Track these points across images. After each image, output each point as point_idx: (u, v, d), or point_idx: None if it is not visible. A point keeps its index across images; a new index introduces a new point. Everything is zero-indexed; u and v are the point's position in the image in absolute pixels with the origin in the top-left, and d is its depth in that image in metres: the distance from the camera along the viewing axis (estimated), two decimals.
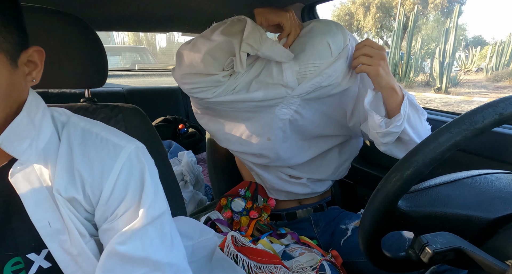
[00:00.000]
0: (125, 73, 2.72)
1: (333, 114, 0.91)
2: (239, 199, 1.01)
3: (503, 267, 0.37)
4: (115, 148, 0.47)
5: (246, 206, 1.01)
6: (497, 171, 0.55)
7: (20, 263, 0.44)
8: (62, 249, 0.44)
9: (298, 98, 0.83)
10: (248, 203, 1.01)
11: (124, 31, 3.02)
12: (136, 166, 0.48)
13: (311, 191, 1.05)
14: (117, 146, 0.48)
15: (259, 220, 0.99)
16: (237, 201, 1.01)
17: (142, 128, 0.77)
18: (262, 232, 0.96)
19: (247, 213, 1.00)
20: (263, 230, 0.96)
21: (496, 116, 0.40)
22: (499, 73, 10.95)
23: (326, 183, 1.08)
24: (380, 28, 21.52)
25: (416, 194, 0.49)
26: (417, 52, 10.61)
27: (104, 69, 0.76)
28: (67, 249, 0.44)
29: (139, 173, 0.48)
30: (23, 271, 0.44)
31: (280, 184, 1.04)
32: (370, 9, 21.43)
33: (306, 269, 0.79)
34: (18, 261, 0.44)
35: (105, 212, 0.46)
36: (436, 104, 8.01)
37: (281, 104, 0.85)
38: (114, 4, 1.18)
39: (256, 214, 0.99)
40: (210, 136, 1.19)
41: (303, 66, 0.77)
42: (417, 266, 0.49)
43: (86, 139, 0.48)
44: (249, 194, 1.03)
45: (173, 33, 2.40)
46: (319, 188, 1.07)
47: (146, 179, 0.47)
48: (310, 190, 1.05)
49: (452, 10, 17.90)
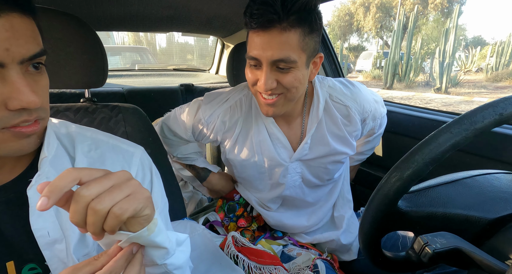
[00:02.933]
0: (125, 73, 2.71)
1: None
2: (233, 203, 0.99)
3: (503, 267, 0.37)
4: (127, 153, 0.53)
5: (237, 212, 0.98)
6: (497, 171, 0.55)
7: (36, 269, 0.46)
8: (57, 258, 0.45)
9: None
10: (240, 209, 0.98)
11: (124, 31, 3.02)
12: (146, 166, 0.55)
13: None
14: (127, 152, 0.53)
15: (246, 230, 0.95)
16: (232, 205, 0.99)
17: (142, 128, 0.77)
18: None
19: (236, 220, 0.97)
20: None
21: (496, 116, 0.40)
22: (499, 73, 10.95)
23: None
24: (380, 28, 21.52)
25: (416, 194, 0.49)
26: (417, 52, 10.62)
27: (104, 69, 0.76)
28: (62, 259, 0.45)
29: (149, 172, 0.54)
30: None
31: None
32: (370, 9, 21.43)
33: (303, 269, 0.79)
34: (34, 267, 0.46)
35: None
36: (436, 104, 8.01)
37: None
38: (114, 4, 1.18)
39: (244, 223, 0.95)
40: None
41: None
42: (417, 266, 0.49)
43: (99, 146, 0.52)
44: (242, 201, 0.99)
45: (173, 33, 2.40)
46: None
47: (154, 175, 0.55)
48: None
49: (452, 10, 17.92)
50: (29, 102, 0.37)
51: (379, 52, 16.21)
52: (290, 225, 0.93)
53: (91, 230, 0.32)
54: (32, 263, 0.46)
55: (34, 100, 0.37)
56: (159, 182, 0.56)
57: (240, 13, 0.78)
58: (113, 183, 0.33)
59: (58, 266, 0.45)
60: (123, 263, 0.35)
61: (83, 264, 0.35)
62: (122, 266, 0.35)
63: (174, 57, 10.37)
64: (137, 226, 0.35)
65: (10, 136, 0.39)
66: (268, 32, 0.62)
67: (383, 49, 19.09)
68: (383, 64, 12.64)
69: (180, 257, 0.43)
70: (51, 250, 0.45)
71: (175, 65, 3.20)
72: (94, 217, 0.31)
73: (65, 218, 0.46)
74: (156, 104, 2.31)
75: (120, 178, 0.34)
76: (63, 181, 0.30)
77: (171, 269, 0.42)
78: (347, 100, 0.82)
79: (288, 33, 0.62)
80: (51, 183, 0.30)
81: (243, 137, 0.83)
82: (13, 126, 0.38)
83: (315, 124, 0.80)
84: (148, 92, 2.31)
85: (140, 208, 0.34)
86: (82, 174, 0.31)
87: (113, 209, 0.31)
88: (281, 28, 0.61)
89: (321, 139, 0.82)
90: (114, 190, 0.32)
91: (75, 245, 0.46)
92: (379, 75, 12.96)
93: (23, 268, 0.45)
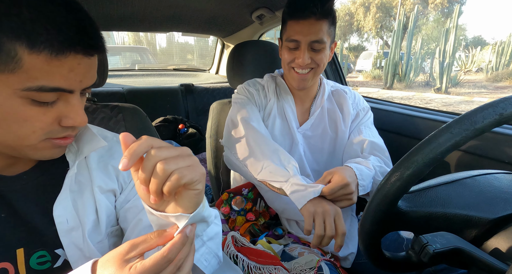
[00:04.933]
0: (125, 73, 2.71)
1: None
2: (240, 197, 1.00)
3: (503, 267, 0.37)
4: None
5: (246, 206, 1.00)
6: (497, 171, 0.55)
7: (45, 256, 0.49)
8: (74, 245, 0.49)
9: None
10: (248, 204, 1.00)
11: (124, 31, 3.02)
12: None
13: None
14: None
15: (254, 224, 0.98)
16: (238, 199, 1.00)
17: (142, 128, 0.77)
18: (254, 235, 0.95)
19: (244, 214, 0.99)
20: (256, 234, 0.95)
21: (496, 116, 0.40)
22: (499, 73, 10.95)
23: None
24: (380, 28, 21.53)
25: (416, 194, 0.49)
26: (417, 52, 10.62)
27: (104, 69, 0.76)
28: (78, 245, 0.50)
29: None
30: (48, 263, 0.50)
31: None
32: (370, 9, 21.44)
33: (305, 270, 0.79)
34: (43, 255, 0.49)
35: (128, 195, 0.57)
36: (436, 104, 8.01)
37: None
38: (114, 4, 1.19)
39: (253, 217, 0.98)
40: (210, 135, 1.19)
41: None
42: (417, 266, 0.49)
43: (107, 141, 0.57)
44: (251, 196, 1.02)
45: (173, 33, 2.40)
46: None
47: None
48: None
49: (452, 10, 17.93)
50: (81, 122, 0.45)
51: (379, 52, 16.22)
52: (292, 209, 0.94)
53: (153, 188, 0.36)
54: (42, 250, 0.49)
55: (85, 121, 0.46)
56: None
57: (240, 13, 0.78)
58: (178, 154, 0.37)
59: (74, 252, 0.50)
60: (180, 246, 0.38)
61: (141, 240, 0.38)
62: (179, 249, 0.38)
63: (174, 57, 10.36)
64: (187, 200, 0.39)
65: (49, 145, 0.45)
66: (308, 20, 0.83)
67: (383, 49, 19.10)
68: (383, 64, 12.64)
69: (214, 228, 0.49)
70: (69, 237, 0.49)
71: (175, 65, 3.20)
72: (158, 176, 0.35)
73: (81, 207, 0.51)
74: (156, 104, 2.31)
75: (184, 152, 0.38)
76: (140, 147, 0.35)
77: (205, 239, 0.48)
78: (344, 89, 1.06)
79: (321, 22, 0.83)
80: (130, 148, 0.35)
81: (273, 110, 1.01)
82: (55, 138, 0.45)
83: (319, 108, 1.00)
84: (148, 92, 2.31)
85: (196, 179, 0.37)
86: (154, 143, 0.36)
87: (175, 172, 0.36)
88: (316, 18, 0.83)
89: (321, 120, 1.02)
90: (178, 158, 0.37)
91: (89, 233, 0.50)
92: (379, 75, 12.97)
93: (32, 255, 0.48)
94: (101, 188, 0.53)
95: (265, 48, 1.16)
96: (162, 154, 0.36)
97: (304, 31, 0.84)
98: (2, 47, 0.37)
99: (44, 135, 0.44)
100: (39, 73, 0.39)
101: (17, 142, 0.43)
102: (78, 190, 0.52)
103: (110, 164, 0.56)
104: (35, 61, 0.38)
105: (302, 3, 0.82)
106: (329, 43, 0.89)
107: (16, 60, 0.37)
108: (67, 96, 0.43)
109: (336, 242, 0.73)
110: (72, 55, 0.40)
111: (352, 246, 0.95)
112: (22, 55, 0.37)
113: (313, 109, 1.01)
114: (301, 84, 0.92)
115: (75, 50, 0.40)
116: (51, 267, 0.50)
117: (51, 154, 0.47)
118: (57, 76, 0.40)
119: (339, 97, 1.03)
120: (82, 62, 0.42)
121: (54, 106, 0.43)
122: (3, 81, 0.38)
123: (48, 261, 0.49)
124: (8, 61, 0.37)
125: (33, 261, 0.48)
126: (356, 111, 1.03)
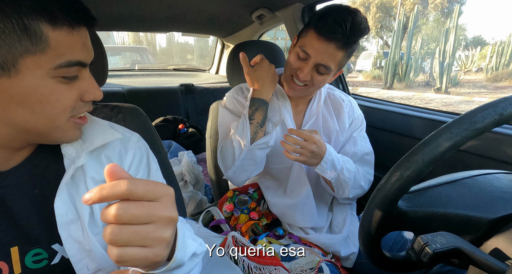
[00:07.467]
0: (125, 73, 2.71)
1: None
2: (245, 196, 1.01)
3: (503, 267, 0.37)
4: (124, 138, 0.59)
5: (250, 205, 1.00)
6: (497, 171, 0.55)
7: (41, 254, 0.48)
8: (71, 238, 0.48)
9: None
10: (252, 203, 1.01)
11: (124, 31, 3.02)
12: (143, 149, 0.60)
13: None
14: (125, 136, 0.59)
15: (257, 223, 0.99)
16: (243, 197, 1.01)
17: (142, 128, 0.77)
18: (256, 234, 0.95)
19: (248, 212, 0.99)
20: (258, 233, 0.95)
21: (496, 116, 0.40)
22: (499, 73, 10.95)
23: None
24: (380, 28, 21.51)
25: (416, 194, 0.49)
26: (417, 52, 10.62)
27: (104, 69, 0.76)
28: (76, 238, 0.49)
29: (145, 155, 0.60)
30: (45, 260, 0.48)
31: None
32: (370, 9, 21.43)
33: (306, 271, 0.79)
34: (38, 252, 0.48)
35: None
36: (436, 104, 8.01)
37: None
38: (114, 4, 1.19)
39: (256, 216, 0.99)
40: (210, 136, 1.19)
41: None
42: (417, 266, 0.49)
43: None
44: (256, 196, 1.02)
45: (173, 33, 2.40)
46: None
47: (151, 158, 0.60)
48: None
49: (452, 10, 17.92)
50: (100, 95, 0.48)
51: (379, 52, 16.21)
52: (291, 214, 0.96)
53: (104, 238, 0.32)
54: (37, 247, 0.48)
55: (102, 94, 0.48)
56: (156, 164, 0.61)
57: (240, 13, 0.78)
58: (146, 216, 0.32)
59: (73, 245, 0.48)
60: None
61: None
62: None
63: (174, 57, 10.36)
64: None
65: (72, 125, 0.47)
66: (328, 43, 0.80)
67: (383, 49, 19.09)
68: (383, 64, 12.64)
69: (189, 266, 0.41)
70: (67, 230, 0.48)
71: (175, 65, 3.20)
72: (105, 237, 0.31)
73: (78, 200, 0.50)
74: (156, 104, 2.31)
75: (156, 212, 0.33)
76: (112, 194, 0.31)
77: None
78: (341, 96, 1.04)
79: (339, 51, 0.81)
80: (102, 189, 0.31)
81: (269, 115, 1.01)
82: (75, 116, 0.47)
83: (314, 116, 0.99)
84: (148, 92, 2.31)
85: (143, 263, 0.33)
86: (131, 193, 0.31)
87: (120, 249, 0.31)
88: (336, 46, 0.80)
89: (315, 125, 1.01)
90: (139, 227, 0.32)
91: (87, 225, 0.49)
92: (379, 75, 12.97)
93: (27, 254, 0.47)
94: (93, 179, 0.52)
95: (265, 48, 1.16)
96: (124, 215, 0.31)
97: (320, 50, 0.81)
98: (30, 29, 0.38)
99: (71, 113, 0.45)
100: (64, 48, 0.41)
101: (49, 124, 0.44)
102: (72, 182, 0.51)
103: (103, 154, 0.55)
104: (59, 37, 0.40)
105: (333, 25, 0.78)
106: (335, 71, 0.88)
107: (44, 39, 0.39)
108: (82, 71, 0.45)
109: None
110: (83, 29, 0.43)
111: (353, 245, 0.95)
112: (47, 33, 0.39)
113: (307, 114, 1.00)
114: (291, 92, 0.92)
115: (84, 23, 0.43)
116: (48, 264, 0.48)
117: (76, 135, 0.49)
118: (76, 49, 0.42)
119: (336, 103, 1.02)
120: (87, 35, 0.45)
121: (77, 82, 0.45)
122: (36, 62, 0.40)
123: (45, 258, 0.48)
124: (37, 41, 0.39)
125: (29, 260, 0.47)
126: (352, 119, 1.02)
